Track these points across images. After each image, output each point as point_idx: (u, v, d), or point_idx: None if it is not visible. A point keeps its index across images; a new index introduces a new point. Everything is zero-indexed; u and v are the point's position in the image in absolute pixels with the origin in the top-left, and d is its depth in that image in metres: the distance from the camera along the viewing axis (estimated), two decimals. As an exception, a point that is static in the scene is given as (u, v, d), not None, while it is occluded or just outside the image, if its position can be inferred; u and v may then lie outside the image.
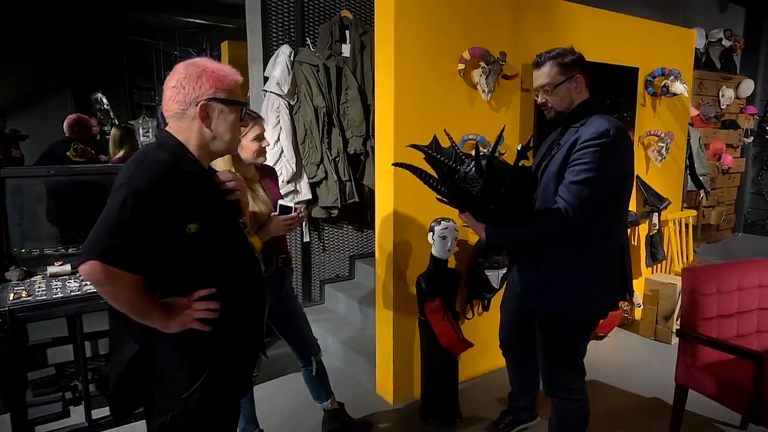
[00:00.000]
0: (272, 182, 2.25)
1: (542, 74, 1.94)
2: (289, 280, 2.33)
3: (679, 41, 3.94)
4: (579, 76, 1.91)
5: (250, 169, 2.12)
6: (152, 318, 1.28)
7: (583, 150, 1.78)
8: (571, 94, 1.92)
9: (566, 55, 1.92)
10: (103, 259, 1.17)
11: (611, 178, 1.81)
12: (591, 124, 1.83)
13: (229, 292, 1.39)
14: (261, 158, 2.07)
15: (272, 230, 2.04)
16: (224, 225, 1.41)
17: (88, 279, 1.20)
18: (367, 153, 3.70)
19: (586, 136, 1.79)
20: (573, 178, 1.79)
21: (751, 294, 2.42)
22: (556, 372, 2.04)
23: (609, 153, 1.77)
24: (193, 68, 1.33)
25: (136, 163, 1.28)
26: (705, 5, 6.60)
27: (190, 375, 1.35)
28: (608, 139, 1.76)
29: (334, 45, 3.63)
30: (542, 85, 1.94)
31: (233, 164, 2.01)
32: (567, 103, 1.93)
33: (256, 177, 2.15)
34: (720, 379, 2.23)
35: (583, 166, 1.77)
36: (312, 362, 2.39)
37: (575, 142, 1.82)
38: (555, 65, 1.91)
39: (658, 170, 3.91)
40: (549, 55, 1.93)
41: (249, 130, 1.99)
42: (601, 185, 1.78)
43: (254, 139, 2.02)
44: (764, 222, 7.32)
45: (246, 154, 2.03)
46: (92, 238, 1.20)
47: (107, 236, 1.19)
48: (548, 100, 1.94)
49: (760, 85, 7.11)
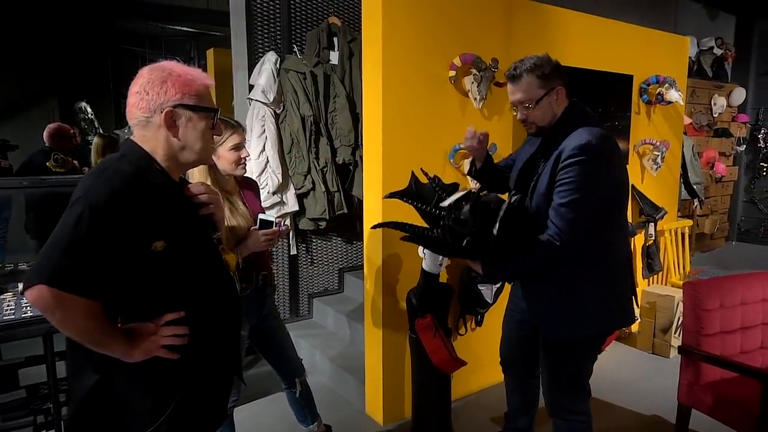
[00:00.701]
0: (253, 196, 2.13)
1: (520, 89, 1.78)
2: (272, 297, 2.21)
3: (673, 48, 3.88)
4: (560, 88, 1.78)
5: (229, 181, 2.00)
6: (112, 347, 1.15)
7: (566, 168, 1.67)
8: (552, 107, 1.79)
9: (544, 65, 1.76)
10: (52, 283, 1.05)
11: (600, 192, 1.70)
12: (573, 136, 1.70)
13: (200, 315, 1.27)
14: (240, 169, 1.95)
15: (250, 246, 1.92)
16: (195, 241, 1.30)
17: (36, 306, 1.07)
18: (356, 163, 3.60)
19: (568, 151, 1.68)
20: (560, 200, 1.68)
21: (755, 308, 2.33)
22: (561, 395, 1.94)
23: (593, 167, 1.67)
24: (157, 72, 1.22)
25: (96, 174, 1.17)
26: (695, 13, 6.59)
27: (156, 407, 1.22)
28: (591, 153, 1.66)
29: (321, 52, 3.53)
30: (521, 101, 1.79)
31: (210, 175, 1.89)
32: (549, 118, 1.80)
33: (235, 189, 2.04)
34: (724, 399, 2.13)
35: (568, 186, 1.67)
36: (296, 384, 2.27)
37: (559, 157, 1.70)
38: (533, 78, 1.75)
39: (654, 179, 3.84)
40: (525, 66, 1.77)
41: (226, 139, 1.87)
42: (588, 203, 1.68)
43: (232, 148, 1.90)
44: (757, 230, 7.29)
45: (223, 164, 1.92)
46: (41, 259, 1.08)
47: (58, 256, 1.06)
48: (529, 116, 1.80)
49: (751, 93, 7.11)
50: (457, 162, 2.78)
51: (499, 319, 2.29)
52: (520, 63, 1.79)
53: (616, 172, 1.77)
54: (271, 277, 2.14)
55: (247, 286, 1.99)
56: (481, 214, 1.63)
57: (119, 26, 6.83)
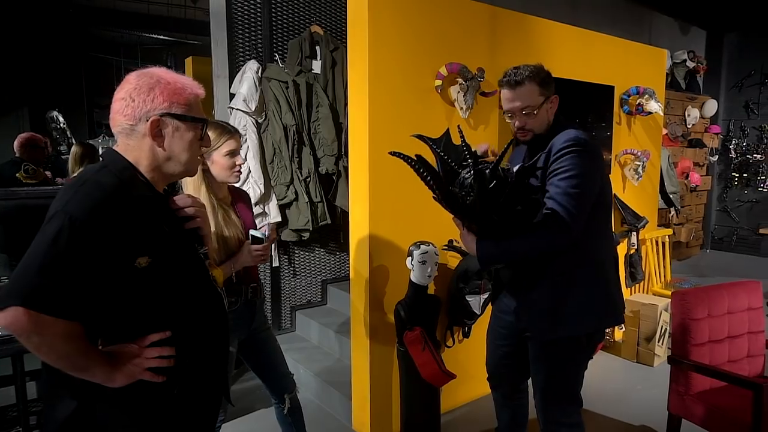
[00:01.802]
0: (246, 208, 2.07)
1: (522, 95, 1.77)
2: (261, 310, 2.14)
3: (651, 60, 3.95)
4: (555, 96, 1.82)
5: (223, 188, 1.95)
6: (92, 371, 1.07)
7: (561, 157, 1.69)
8: (548, 115, 1.82)
9: (542, 72, 1.80)
10: (28, 305, 0.97)
11: (593, 183, 1.72)
12: (561, 134, 1.75)
13: (187, 335, 1.20)
14: (234, 177, 1.89)
15: (242, 261, 1.86)
16: (181, 257, 1.23)
17: (10, 330, 0.98)
18: (339, 173, 3.55)
19: (560, 143, 1.71)
20: (558, 189, 1.68)
21: (741, 317, 2.34)
22: (555, 406, 1.91)
23: (586, 158, 1.70)
24: (146, 78, 1.15)
25: (75, 187, 1.09)
26: (669, 27, 6.75)
27: (139, 435, 1.15)
28: (582, 145, 1.69)
29: (304, 61, 3.49)
30: (523, 107, 1.78)
31: (204, 181, 1.84)
32: (545, 125, 1.82)
33: (228, 198, 1.98)
34: (715, 409, 2.12)
35: (565, 174, 1.67)
36: (285, 400, 2.19)
37: (549, 152, 1.72)
38: (535, 85, 1.77)
39: (635, 189, 3.88)
40: (526, 73, 1.77)
41: (222, 144, 1.83)
42: (586, 188, 1.69)
43: (227, 154, 1.85)
44: (730, 238, 7.45)
45: (217, 170, 1.86)
46: (15, 279, 1.00)
47: (34, 275, 0.99)
48: (528, 123, 1.79)
49: (722, 105, 7.30)
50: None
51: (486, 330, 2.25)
52: (519, 70, 1.79)
53: (603, 169, 1.81)
54: (260, 289, 2.08)
55: (237, 299, 1.92)
56: (500, 177, 1.56)
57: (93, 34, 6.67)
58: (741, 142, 7.27)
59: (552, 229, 1.67)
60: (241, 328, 1.98)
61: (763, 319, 2.44)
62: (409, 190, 2.62)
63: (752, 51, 7.13)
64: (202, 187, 1.82)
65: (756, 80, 7.13)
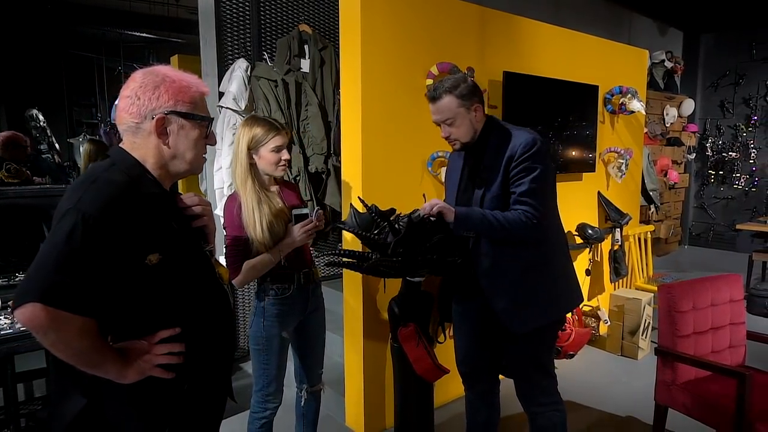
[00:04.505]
0: (293, 195, 2.13)
1: (441, 109, 1.90)
2: (316, 294, 2.18)
3: (633, 60, 4.04)
4: (477, 105, 1.91)
5: (270, 181, 2.01)
6: (105, 367, 1.08)
7: (522, 163, 1.82)
8: (473, 124, 1.92)
9: (461, 85, 1.89)
10: (46, 301, 0.97)
11: (551, 179, 1.94)
12: (516, 136, 1.88)
13: (195, 332, 1.21)
14: (279, 170, 1.96)
15: (289, 242, 1.92)
16: (189, 254, 1.24)
17: (28, 326, 0.99)
18: (329, 171, 3.55)
19: (521, 148, 1.83)
20: (526, 187, 1.82)
21: (724, 309, 2.42)
22: (535, 387, 2.01)
23: (544, 158, 1.85)
24: (151, 76, 1.16)
25: (85, 185, 1.09)
26: (647, 28, 6.90)
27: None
28: (539, 146, 1.84)
29: (292, 60, 3.48)
30: (443, 120, 1.91)
31: (251, 175, 1.90)
32: (471, 134, 1.94)
33: (276, 191, 2.04)
34: (700, 398, 2.20)
35: (530, 176, 1.82)
36: (302, 390, 2.25)
37: (510, 159, 1.84)
38: (453, 98, 1.88)
39: (618, 186, 3.96)
40: (444, 87, 1.89)
41: (270, 140, 1.89)
42: (547, 187, 1.90)
43: (274, 149, 1.91)
44: (707, 234, 7.65)
45: (263, 164, 1.93)
46: (32, 276, 1.00)
47: (51, 272, 0.99)
48: (452, 133, 1.92)
49: (698, 104, 7.49)
50: (435, 170, 2.78)
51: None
52: (440, 84, 1.91)
53: (551, 163, 2.00)
54: (315, 273, 2.12)
55: (289, 286, 1.98)
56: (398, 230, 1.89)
57: (74, 31, 6.55)
58: (717, 141, 7.47)
59: (526, 223, 1.82)
60: (292, 314, 2.03)
61: (743, 311, 2.53)
62: (401, 189, 2.66)
63: (727, 51, 7.33)
64: (248, 180, 1.89)
65: (731, 80, 7.33)
